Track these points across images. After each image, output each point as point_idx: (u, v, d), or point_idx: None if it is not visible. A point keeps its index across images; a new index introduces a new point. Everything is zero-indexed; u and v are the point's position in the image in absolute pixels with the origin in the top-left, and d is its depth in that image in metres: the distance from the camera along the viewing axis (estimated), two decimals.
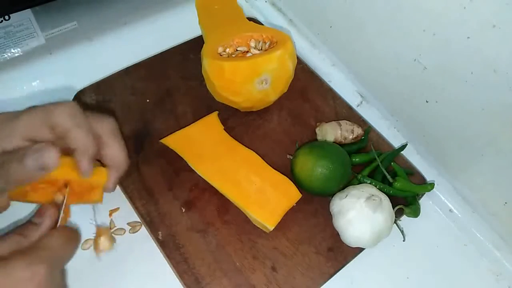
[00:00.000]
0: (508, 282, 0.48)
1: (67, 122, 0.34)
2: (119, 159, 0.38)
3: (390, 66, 0.53)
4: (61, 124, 0.34)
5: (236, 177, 0.46)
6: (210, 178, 0.46)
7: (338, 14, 0.57)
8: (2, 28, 0.51)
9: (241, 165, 0.47)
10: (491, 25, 0.39)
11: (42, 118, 0.34)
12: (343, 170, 0.46)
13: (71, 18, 0.56)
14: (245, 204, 0.45)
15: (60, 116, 0.34)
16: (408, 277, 0.47)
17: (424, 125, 0.53)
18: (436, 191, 0.53)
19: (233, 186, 0.45)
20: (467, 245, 0.51)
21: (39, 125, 0.34)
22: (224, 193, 0.46)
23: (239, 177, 0.46)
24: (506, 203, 0.47)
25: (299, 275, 0.44)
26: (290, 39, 0.49)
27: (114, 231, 0.46)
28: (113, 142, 0.38)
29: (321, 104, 0.57)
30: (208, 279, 0.42)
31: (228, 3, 0.59)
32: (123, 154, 0.38)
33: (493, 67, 0.41)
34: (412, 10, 0.46)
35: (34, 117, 0.34)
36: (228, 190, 0.45)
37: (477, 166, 0.49)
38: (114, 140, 0.38)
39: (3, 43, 0.52)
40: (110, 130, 0.38)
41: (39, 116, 0.34)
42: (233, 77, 0.47)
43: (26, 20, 0.52)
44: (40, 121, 0.34)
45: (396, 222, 0.47)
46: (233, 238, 0.45)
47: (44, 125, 0.34)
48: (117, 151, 0.38)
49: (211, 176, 0.46)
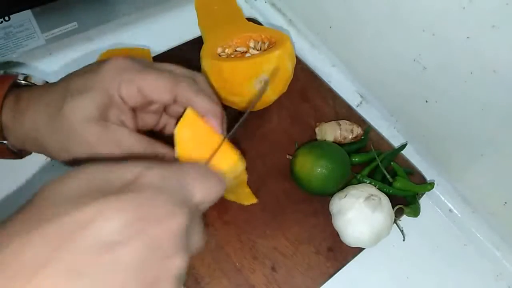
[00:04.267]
0: (508, 282, 0.48)
1: (190, 92, 0.33)
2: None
3: (389, 66, 0.53)
4: (185, 95, 0.33)
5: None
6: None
7: (338, 14, 0.57)
8: (2, 29, 0.51)
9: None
10: (491, 25, 0.39)
11: (169, 84, 0.33)
12: (343, 170, 0.46)
13: (71, 19, 0.56)
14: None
15: (185, 88, 0.33)
16: (408, 277, 0.47)
17: (424, 125, 0.53)
18: (436, 191, 0.53)
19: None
20: (467, 245, 0.51)
21: (163, 90, 0.33)
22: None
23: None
24: (506, 203, 0.47)
25: (299, 275, 0.44)
26: (289, 39, 0.49)
27: None
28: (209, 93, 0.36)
29: (321, 104, 0.57)
30: (208, 279, 0.42)
31: (228, 4, 0.59)
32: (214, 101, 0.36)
33: (492, 67, 0.41)
34: (411, 10, 0.46)
35: (162, 79, 0.33)
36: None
37: (477, 166, 0.49)
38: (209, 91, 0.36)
39: (3, 44, 0.52)
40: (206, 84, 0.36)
41: (167, 81, 0.33)
42: (232, 78, 0.47)
43: (26, 21, 0.52)
44: (165, 87, 0.33)
45: (396, 221, 0.47)
46: (233, 238, 0.45)
47: (169, 92, 0.33)
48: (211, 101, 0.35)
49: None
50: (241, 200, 0.47)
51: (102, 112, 0.32)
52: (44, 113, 0.32)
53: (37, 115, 0.33)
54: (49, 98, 0.33)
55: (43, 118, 0.33)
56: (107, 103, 0.32)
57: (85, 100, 0.31)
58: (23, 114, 0.33)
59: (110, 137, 0.32)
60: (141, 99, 0.33)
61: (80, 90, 0.32)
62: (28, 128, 0.34)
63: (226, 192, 0.44)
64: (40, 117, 0.33)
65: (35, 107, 0.33)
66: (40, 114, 0.33)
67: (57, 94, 0.33)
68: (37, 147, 0.35)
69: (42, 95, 0.34)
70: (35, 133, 0.33)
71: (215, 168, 0.30)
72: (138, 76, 0.32)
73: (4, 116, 0.35)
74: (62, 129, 0.32)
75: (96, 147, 0.31)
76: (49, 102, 0.33)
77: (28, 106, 0.34)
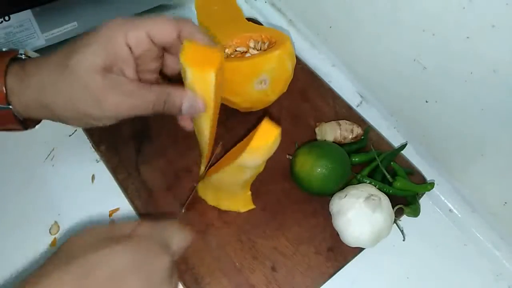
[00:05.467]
0: (508, 282, 0.48)
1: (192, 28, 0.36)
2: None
3: (389, 66, 0.53)
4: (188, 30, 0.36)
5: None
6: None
7: (338, 14, 0.57)
8: (2, 29, 0.51)
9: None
10: (491, 25, 0.39)
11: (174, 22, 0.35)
12: (343, 170, 0.46)
13: (71, 19, 0.56)
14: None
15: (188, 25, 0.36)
16: (408, 277, 0.47)
17: (424, 125, 0.53)
18: (436, 191, 0.53)
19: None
20: (466, 245, 0.51)
21: (170, 29, 0.35)
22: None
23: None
24: (506, 203, 0.47)
25: (299, 275, 0.44)
26: (289, 39, 0.49)
27: None
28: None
29: (321, 104, 0.57)
30: (208, 279, 0.42)
31: (228, 4, 0.59)
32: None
33: (492, 67, 0.41)
34: (411, 10, 0.46)
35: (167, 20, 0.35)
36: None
37: (477, 166, 0.49)
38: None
39: (3, 44, 0.52)
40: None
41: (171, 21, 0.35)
42: (232, 78, 0.47)
43: (26, 21, 0.52)
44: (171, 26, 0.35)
45: (396, 221, 0.47)
46: (233, 238, 0.45)
47: (175, 30, 0.35)
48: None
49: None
50: (238, 207, 0.47)
51: (107, 63, 0.33)
52: (51, 71, 0.34)
53: (44, 75, 0.34)
54: (56, 58, 0.34)
55: (50, 76, 0.34)
56: (111, 54, 0.33)
57: (90, 51, 0.33)
58: (30, 76, 0.35)
59: (115, 86, 0.34)
60: (147, 44, 0.35)
61: (85, 44, 0.33)
62: (34, 89, 0.35)
63: (223, 199, 0.44)
64: (47, 76, 0.34)
65: (42, 69, 0.34)
66: (47, 73, 0.34)
67: (63, 54, 0.34)
68: (43, 109, 0.35)
69: (48, 59, 0.35)
70: (42, 94, 0.34)
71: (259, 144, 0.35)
72: (144, 22, 0.34)
73: (9, 80, 0.35)
74: (69, 83, 0.33)
75: (102, 97, 0.33)
76: (56, 61, 0.34)
77: (34, 69, 0.35)
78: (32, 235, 0.45)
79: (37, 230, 0.46)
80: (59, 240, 0.45)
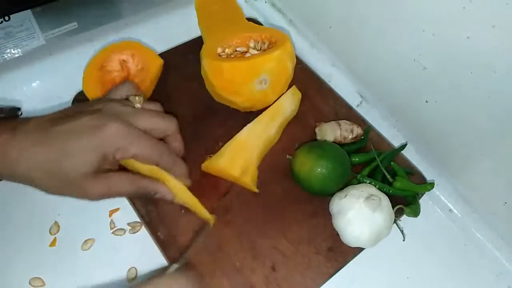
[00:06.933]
0: (508, 282, 0.48)
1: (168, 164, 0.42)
2: (180, 150, 0.45)
3: (390, 66, 0.53)
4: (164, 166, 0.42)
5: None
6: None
7: (338, 14, 0.57)
8: (2, 28, 0.51)
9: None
10: (491, 25, 0.39)
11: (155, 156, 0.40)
12: (343, 170, 0.46)
13: (71, 19, 0.56)
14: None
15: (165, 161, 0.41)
16: (408, 277, 0.47)
17: (424, 125, 0.53)
18: (436, 191, 0.53)
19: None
20: (466, 245, 0.51)
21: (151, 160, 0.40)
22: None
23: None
24: (506, 203, 0.47)
25: (299, 275, 0.44)
26: (289, 39, 0.49)
27: (114, 231, 0.46)
28: (177, 137, 0.44)
29: (321, 104, 0.57)
30: (208, 279, 0.42)
31: (228, 4, 0.59)
32: (182, 145, 0.45)
33: (492, 67, 0.41)
34: (411, 10, 0.46)
35: (151, 150, 0.40)
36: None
37: (477, 166, 0.49)
38: (178, 135, 0.44)
39: (3, 43, 0.52)
40: (175, 127, 0.43)
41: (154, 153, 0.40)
42: (232, 78, 0.47)
43: (26, 20, 0.52)
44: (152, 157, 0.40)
45: (396, 221, 0.47)
46: (233, 238, 0.45)
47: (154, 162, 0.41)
48: (180, 144, 0.45)
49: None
50: (247, 178, 0.47)
51: (97, 168, 0.37)
52: (41, 169, 0.36)
53: (33, 170, 0.36)
54: (46, 156, 0.36)
55: (40, 172, 0.36)
56: (102, 162, 0.38)
57: (84, 161, 0.37)
58: (15, 165, 0.36)
59: (103, 184, 0.38)
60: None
61: (77, 152, 0.36)
62: (20, 177, 0.37)
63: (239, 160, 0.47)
64: (36, 171, 0.36)
65: (30, 162, 0.36)
66: (36, 169, 0.36)
67: (54, 153, 0.36)
68: (24, 183, 0.38)
69: (37, 152, 0.36)
70: (28, 180, 0.37)
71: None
72: (133, 146, 0.38)
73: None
74: (60, 181, 0.37)
75: (88, 190, 0.37)
76: (47, 160, 0.36)
77: (20, 159, 0.36)
78: (32, 235, 0.45)
79: (37, 230, 0.46)
80: (59, 240, 0.45)
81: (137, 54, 0.53)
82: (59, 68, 0.56)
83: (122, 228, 0.46)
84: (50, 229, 0.46)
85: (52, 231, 0.46)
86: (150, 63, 0.53)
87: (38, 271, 0.43)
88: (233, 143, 0.48)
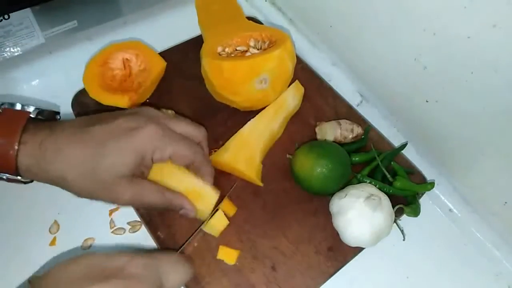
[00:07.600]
0: (508, 282, 0.48)
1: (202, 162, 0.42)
2: (207, 155, 0.45)
3: (390, 65, 0.53)
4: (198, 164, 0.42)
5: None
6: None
7: (338, 14, 0.57)
8: (1, 27, 0.50)
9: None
10: (492, 25, 0.39)
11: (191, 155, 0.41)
12: (343, 170, 0.46)
13: (71, 18, 0.56)
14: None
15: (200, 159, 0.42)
16: (408, 277, 0.47)
17: (424, 125, 0.53)
18: (436, 191, 0.53)
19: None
20: (466, 244, 0.51)
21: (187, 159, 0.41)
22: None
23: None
24: (506, 203, 0.47)
25: (299, 275, 0.44)
26: (289, 38, 0.49)
27: (114, 230, 0.46)
28: (205, 144, 0.45)
29: (321, 103, 0.57)
30: (208, 278, 0.42)
31: (228, 3, 0.59)
32: (208, 152, 0.46)
33: (493, 67, 0.41)
34: (412, 10, 0.46)
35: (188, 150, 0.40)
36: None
37: (477, 166, 0.49)
38: (206, 142, 0.45)
39: (3, 42, 0.52)
40: (205, 136, 0.44)
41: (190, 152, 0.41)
42: (232, 77, 0.47)
43: (26, 19, 0.52)
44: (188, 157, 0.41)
45: (396, 221, 0.47)
46: (233, 238, 0.45)
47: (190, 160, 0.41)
48: (207, 150, 0.45)
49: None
50: (252, 172, 0.47)
51: (133, 170, 0.37)
52: (76, 169, 0.36)
53: (67, 169, 0.36)
54: (83, 156, 0.36)
55: (75, 172, 0.36)
56: (138, 164, 0.37)
57: (121, 162, 0.36)
58: (50, 164, 0.36)
59: (136, 190, 0.38)
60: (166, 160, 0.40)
61: (115, 153, 0.36)
62: (53, 176, 0.36)
63: (242, 156, 0.48)
64: (71, 171, 0.36)
65: (65, 161, 0.36)
66: (71, 169, 0.36)
67: (90, 153, 0.36)
68: (56, 184, 0.37)
69: (73, 151, 0.36)
70: (61, 180, 0.37)
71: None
72: (171, 146, 0.39)
73: (26, 160, 0.36)
74: (93, 182, 0.36)
75: (120, 195, 0.37)
76: (83, 159, 0.36)
77: (56, 158, 0.36)
78: (32, 234, 0.45)
79: (37, 229, 0.46)
80: (59, 239, 0.45)
81: (141, 54, 0.53)
82: (59, 66, 0.56)
83: (122, 227, 0.46)
84: (50, 228, 0.46)
85: (52, 230, 0.46)
86: (153, 65, 0.53)
87: (38, 270, 0.43)
88: (237, 138, 0.48)
